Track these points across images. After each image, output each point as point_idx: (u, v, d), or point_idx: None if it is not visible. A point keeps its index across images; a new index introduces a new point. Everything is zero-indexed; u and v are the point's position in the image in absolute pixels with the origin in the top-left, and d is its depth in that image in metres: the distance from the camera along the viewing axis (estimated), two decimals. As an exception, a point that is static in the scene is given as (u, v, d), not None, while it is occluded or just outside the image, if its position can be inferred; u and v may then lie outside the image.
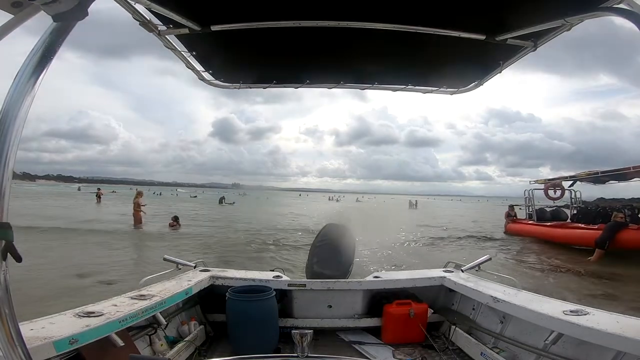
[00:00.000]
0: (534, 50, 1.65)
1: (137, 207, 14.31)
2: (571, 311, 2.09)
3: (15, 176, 0.82)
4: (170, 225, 14.17)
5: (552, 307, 2.22)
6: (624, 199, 13.48)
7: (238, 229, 14.98)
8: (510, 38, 1.57)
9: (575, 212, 13.48)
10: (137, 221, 14.29)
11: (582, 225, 11.25)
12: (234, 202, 39.19)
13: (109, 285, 6.20)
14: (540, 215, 14.16)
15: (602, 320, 1.93)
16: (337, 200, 59.61)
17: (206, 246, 10.60)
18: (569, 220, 13.21)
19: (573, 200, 14.29)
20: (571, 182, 14.18)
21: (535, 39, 1.60)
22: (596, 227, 10.33)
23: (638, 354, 1.69)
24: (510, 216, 15.83)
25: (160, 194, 61.56)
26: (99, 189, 33.79)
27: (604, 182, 13.23)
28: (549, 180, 15.11)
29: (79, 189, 65.59)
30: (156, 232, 13.14)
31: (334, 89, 2.22)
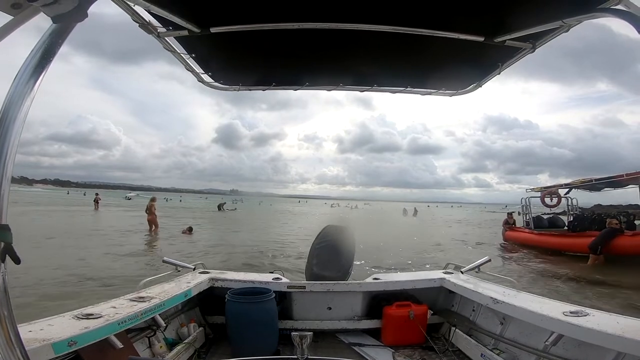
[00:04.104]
0: (532, 52, 1.68)
1: (152, 210, 15.22)
2: (571, 312, 2.09)
3: (13, 180, 0.81)
4: (183, 233, 15.04)
5: (552, 308, 2.22)
6: (621, 205, 13.57)
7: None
8: (508, 39, 1.60)
9: (571, 219, 13.55)
10: (155, 225, 15.21)
11: (578, 233, 11.31)
12: (235, 209, 38.39)
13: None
14: (538, 223, 14.21)
15: (602, 321, 1.93)
16: (353, 208, 50.03)
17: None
18: (565, 227, 13.29)
19: (569, 207, 14.39)
20: (567, 189, 14.30)
21: (534, 41, 1.63)
22: (593, 234, 10.38)
23: (638, 355, 1.69)
24: (509, 224, 15.83)
25: (166, 199, 60.01)
26: (97, 194, 33.38)
27: (599, 190, 13.34)
28: (546, 188, 15.22)
29: (84, 194, 65.96)
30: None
31: (338, 95, 2.23)
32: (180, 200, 66.01)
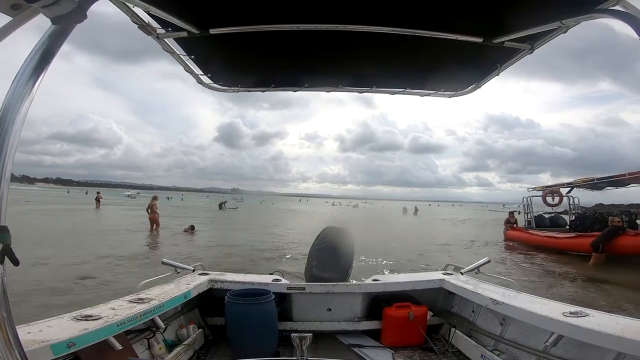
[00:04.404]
0: (530, 53, 1.68)
1: (154, 209, 15.23)
2: (571, 313, 2.09)
3: (14, 179, 0.82)
4: (185, 231, 15.06)
5: (552, 309, 2.22)
6: (623, 204, 13.52)
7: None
8: (507, 40, 1.59)
9: (573, 218, 13.52)
10: (157, 223, 15.18)
11: (580, 233, 11.27)
12: (237, 207, 38.24)
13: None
14: (539, 222, 14.18)
15: (602, 321, 1.93)
16: (354, 207, 46.13)
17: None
18: (567, 227, 13.24)
19: (571, 206, 14.35)
20: (569, 188, 14.26)
21: (532, 42, 1.63)
22: (595, 234, 10.36)
23: (638, 355, 1.68)
24: (510, 223, 15.78)
25: (168, 198, 59.82)
26: (98, 192, 33.80)
27: (601, 189, 13.31)
28: (547, 187, 15.18)
29: (86, 193, 66.69)
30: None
31: (339, 94, 2.23)
32: (182, 199, 65.98)
